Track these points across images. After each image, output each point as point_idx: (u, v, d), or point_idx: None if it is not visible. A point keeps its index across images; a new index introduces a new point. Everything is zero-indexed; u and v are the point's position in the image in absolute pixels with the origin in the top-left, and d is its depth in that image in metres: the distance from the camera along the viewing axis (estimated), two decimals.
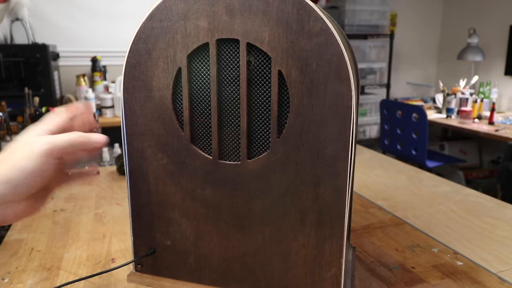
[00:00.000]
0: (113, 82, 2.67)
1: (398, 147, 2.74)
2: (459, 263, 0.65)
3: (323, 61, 0.41)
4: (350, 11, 3.10)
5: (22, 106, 1.86)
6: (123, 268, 0.56)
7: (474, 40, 3.16)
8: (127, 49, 0.48)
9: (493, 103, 2.67)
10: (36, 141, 0.40)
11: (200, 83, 0.47)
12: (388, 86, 3.41)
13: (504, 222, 0.81)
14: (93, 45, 2.69)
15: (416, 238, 0.73)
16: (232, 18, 0.43)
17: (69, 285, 0.57)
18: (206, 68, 0.46)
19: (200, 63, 0.47)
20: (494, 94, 3.03)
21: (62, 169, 0.48)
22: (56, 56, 2.40)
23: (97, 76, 2.58)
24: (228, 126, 0.47)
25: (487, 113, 2.79)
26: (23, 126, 1.67)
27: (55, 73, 2.35)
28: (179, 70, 0.47)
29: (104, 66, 2.67)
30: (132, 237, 0.54)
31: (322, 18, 0.40)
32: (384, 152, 2.84)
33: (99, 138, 0.43)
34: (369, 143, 3.30)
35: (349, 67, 0.40)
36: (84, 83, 2.45)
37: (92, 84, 2.58)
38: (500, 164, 2.30)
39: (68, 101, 2.39)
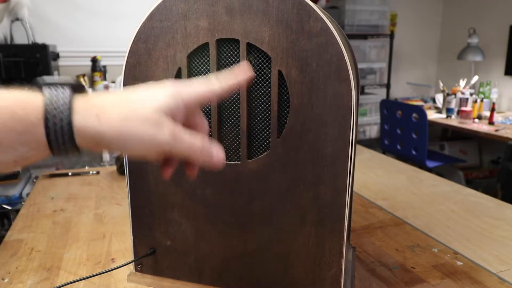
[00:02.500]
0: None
1: (398, 147, 2.74)
2: (459, 263, 0.65)
3: (323, 61, 0.41)
4: (350, 11, 3.10)
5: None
6: (123, 268, 0.56)
7: (474, 40, 3.15)
8: (127, 49, 0.48)
9: (493, 103, 2.67)
10: (158, 130, 0.33)
11: None
12: (388, 86, 3.41)
13: (504, 222, 0.81)
14: (93, 45, 2.69)
15: (416, 238, 0.73)
16: (232, 18, 0.43)
17: (69, 285, 0.57)
18: (206, 68, 0.46)
19: (200, 63, 0.47)
20: (494, 94, 3.03)
21: None
22: (56, 56, 2.40)
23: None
24: (228, 126, 0.47)
25: (487, 113, 2.79)
26: None
27: (55, 73, 2.35)
28: (179, 70, 0.47)
29: (104, 66, 2.67)
30: (132, 237, 0.54)
31: (322, 18, 0.40)
32: (384, 152, 2.84)
33: (217, 159, 0.36)
34: (369, 143, 3.30)
35: (349, 67, 0.40)
36: (84, 83, 2.45)
37: (92, 84, 2.58)
38: (500, 164, 2.30)
39: None
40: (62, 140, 0.31)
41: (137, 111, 0.33)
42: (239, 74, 0.38)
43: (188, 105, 0.35)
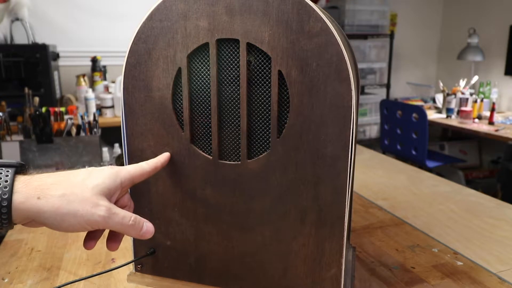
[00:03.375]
0: (113, 82, 2.67)
1: (398, 147, 2.74)
2: (459, 263, 0.65)
3: (323, 61, 0.41)
4: (350, 11, 3.10)
5: (22, 106, 1.86)
6: (123, 268, 0.56)
7: (474, 40, 3.15)
8: (127, 49, 0.48)
9: (493, 103, 2.67)
10: (95, 208, 0.38)
11: (200, 83, 0.47)
12: (388, 86, 3.41)
13: (504, 222, 0.81)
14: (93, 45, 2.69)
15: (416, 238, 0.73)
16: (232, 18, 0.43)
17: (69, 285, 0.57)
18: (206, 68, 0.46)
19: (200, 63, 0.47)
20: (494, 94, 3.03)
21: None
22: (56, 56, 2.40)
23: (97, 76, 2.58)
24: (228, 126, 0.47)
25: (487, 113, 2.79)
26: (23, 126, 1.67)
27: (55, 73, 2.35)
28: (179, 70, 0.47)
29: (104, 66, 2.67)
30: (132, 237, 0.54)
31: (322, 18, 0.40)
32: (384, 152, 2.84)
33: (148, 233, 0.42)
34: (369, 143, 3.30)
35: (349, 67, 0.40)
36: (84, 83, 2.45)
37: (92, 84, 2.58)
38: (500, 164, 2.30)
39: (68, 101, 2.39)
40: None
41: (75, 191, 0.38)
42: (160, 158, 0.48)
43: (124, 184, 0.42)
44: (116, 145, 1.87)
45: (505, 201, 0.92)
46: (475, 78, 3.03)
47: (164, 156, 0.48)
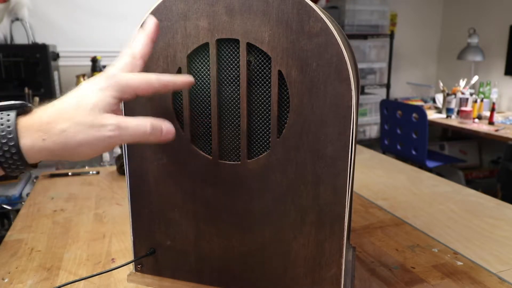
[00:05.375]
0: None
1: (398, 147, 2.74)
2: (459, 263, 0.65)
3: (323, 61, 0.41)
4: (350, 11, 3.10)
5: (37, 102, 1.86)
6: (123, 268, 0.56)
7: (474, 40, 3.15)
8: None
9: (493, 103, 2.67)
10: (102, 128, 0.35)
11: (200, 83, 0.47)
12: (388, 86, 3.41)
13: (504, 222, 0.81)
14: (93, 45, 2.69)
15: (416, 238, 0.73)
16: (232, 18, 0.43)
17: (69, 285, 0.57)
18: (206, 68, 0.46)
19: (200, 63, 0.47)
20: (494, 94, 3.03)
21: None
22: (56, 56, 2.40)
23: None
24: (228, 126, 0.47)
25: (487, 113, 2.79)
26: None
27: (55, 73, 2.35)
28: (179, 70, 0.47)
29: (104, 66, 2.66)
30: (132, 237, 0.54)
31: (322, 18, 0.40)
32: (384, 152, 2.84)
33: (169, 134, 0.39)
34: (369, 143, 3.30)
35: (349, 67, 0.40)
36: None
37: None
38: (500, 164, 2.30)
39: None
40: (13, 162, 0.35)
41: (74, 120, 0.35)
42: (179, 76, 0.41)
43: (123, 97, 0.37)
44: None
45: (505, 201, 0.92)
46: (475, 78, 3.03)
47: (182, 77, 0.41)
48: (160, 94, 0.48)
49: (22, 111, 0.36)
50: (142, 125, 0.37)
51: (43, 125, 0.35)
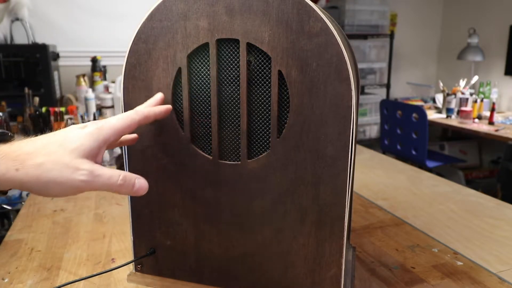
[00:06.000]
0: (113, 82, 2.66)
1: (398, 147, 2.74)
2: (459, 263, 0.65)
3: (323, 61, 0.41)
4: (350, 11, 3.10)
5: (22, 106, 1.86)
6: (123, 268, 0.56)
7: (474, 40, 3.15)
8: (127, 49, 0.48)
9: (493, 103, 2.67)
10: (76, 172, 0.36)
11: (200, 83, 0.47)
12: (388, 86, 3.41)
13: (504, 222, 0.81)
14: (93, 45, 2.69)
15: (416, 238, 0.73)
16: (232, 18, 0.43)
17: (69, 285, 0.57)
18: (206, 68, 0.46)
19: (200, 63, 0.47)
20: (494, 94, 3.03)
21: None
22: (56, 56, 2.40)
23: (97, 76, 2.58)
24: (228, 126, 0.47)
25: (487, 113, 2.79)
26: (23, 126, 1.67)
27: (55, 73, 2.35)
28: (179, 70, 0.47)
29: (104, 66, 2.67)
30: (132, 237, 0.54)
31: (322, 18, 0.40)
32: (384, 152, 2.84)
33: (140, 189, 0.40)
34: (369, 143, 3.30)
35: (349, 67, 0.40)
36: (84, 83, 2.45)
37: (92, 84, 2.58)
38: (500, 164, 2.30)
39: (68, 101, 2.39)
40: None
41: (51, 157, 0.36)
42: (158, 107, 0.44)
43: (108, 140, 0.40)
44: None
45: (505, 201, 0.92)
46: (475, 78, 3.03)
47: (156, 99, 0.45)
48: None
49: (3, 139, 0.37)
50: (115, 176, 0.38)
51: (20, 156, 0.36)
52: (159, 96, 0.47)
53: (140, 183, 0.40)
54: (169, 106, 0.46)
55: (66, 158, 0.36)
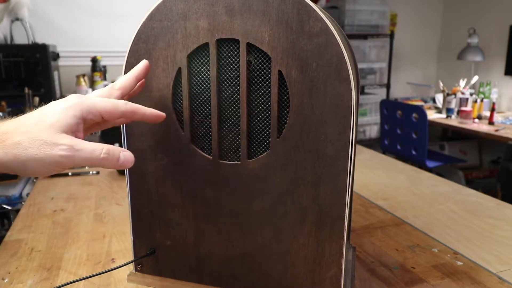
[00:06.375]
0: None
1: (398, 147, 2.74)
2: (459, 263, 0.65)
3: (323, 61, 0.41)
4: (350, 11, 3.10)
5: (22, 106, 1.86)
6: (123, 268, 0.56)
7: (474, 40, 3.15)
8: (127, 49, 0.48)
9: (493, 103, 2.67)
10: (54, 147, 0.35)
11: (200, 83, 0.47)
12: (388, 86, 3.41)
13: (504, 222, 0.81)
14: (93, 45, 2.69)
15: (416, 238, 0.73)
16: (232, 18, 0.43)
17: (69, 285, 0.57)
18: (206, 68, 0.46)
19: (200, 63, 0.47)
20: (494, 94, 3.03)
21: None
22: (56, 56, 2.40)
23: (97, 76, 2.58)
24: (228, 126, 0.47)
25: (487, 113, 2.79)
26: None
27: (55, 73, 2.35)
28: (179, 70, 0.47)
29: (104, 66, 2.67)
30: (132, 237, 0.54)
31: (322, 18, 0.40)
32: (384, 152, 2.84)
33: (126, 161, 0.39)
34: (369, 143, 3.30)
35: (349, 67, 0.40)
36: (84, 83, 2.45)
37: (92, 84, 2.58)
38: (500, 164, 2.30)
39: None
40: None
41: (29, 135, 0.35)
42: (152, 110, 0.42)
43: (87, 117, 0.38)
44: (116, 145, 1.87)
45: (505, 201, 0.92)
46: (475, 78, 3.03)
47: (139, 67, 0.44)
48: (160, 95, 0.47)
49: None
50: (98, 149, 0.37)
51: (1, 136, 0.35)
52: (143, 63, 0.45)
53: (125, 155, 0.38)
54: (162, 114, 0.44)
55: (43, 135, 0.35)
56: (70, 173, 1.11)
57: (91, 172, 1.13)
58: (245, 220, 0.48)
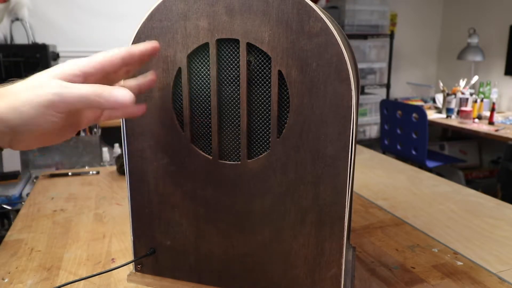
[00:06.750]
0: None
1: (398, 147, 2.74)
2: (459, 263, 0.65)
3: (323, 61, 0.41)
4: (350, 11, 3.10)
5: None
6: (123, 268, 0.56)
7: (474, 40, 3.16)
8: None
9: (493, 103, 2.67)
10: (45, 86, 0.35)
11: (200, 83, 0.47)
12: (388, 86, 3.41)
13: (504, 222, 0.81)
14: (93, 45, 2.69)
15: (416, 238, 0.73)
16: (232, 18, 0.43)
17: (69, 285, 0.57)
18: (206, 68, 0.46)
19: (200, 63, 0.47)
20: (494, 94, 3.03)
21: (76, 122, 0.42)
22: (56, 56, 2.40)
23: None
24: (228, 126, 0.47)
25: (487, 113, 2.79)
26: None
27: None
28: (179, 70, 0.47)
29: None
30: (132, 237, 0.54)
31: (322, 18, 0.40)
32: (384, 152, 2.84)
33: (122, 97, 0.36)
34: (369, 143, 3.30)
35: (349, 67, 0.40)
36: None
37: None
38: (500, 164, 2.30)
39: None
40: None
41: (25, 84, 0.36)
42: (142, 45, 0.40)
43: (86, 70, 0.37)
44: (116, 145, 1.87)
45: (505, 201, 0.92)
46: (475, 78, 3.03)
47: (145, 43, 0.40)
48: (160, 95, 0.47)
49: None
50: (90, 85, 0.36)
51: (1, 91, 0.35)
52: (145, 44, 0.41)
53: (121, 89, 0.36)
54: (155, 42, 0.41)
55: (38, 80, 0.36)
56: (70, 173, 1.11)
57: (91, 172, 1.13)
58: (245, 220, 0.48)
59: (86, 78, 0.37)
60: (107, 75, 0.39)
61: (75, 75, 0.37)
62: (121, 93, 0.36)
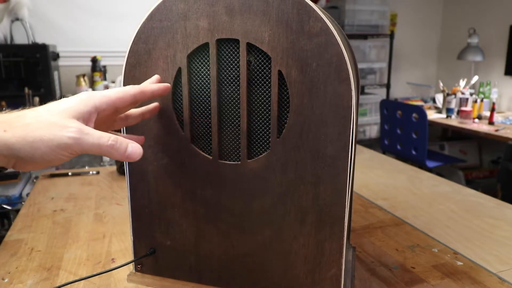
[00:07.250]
0: (113, 82, 2.67)
1: (398, 147, 2.74)
2: (459, 263, 0.65)
3: (323, 61, 0.41)
4: (350, 11, 3.10)
5: (22, 106, 1.86)
6: (123, 268, 0.56)
7: (474, 40, 3.15)
8: (127, 49, 0.48)
9: (493, 103, 2.67)
10: (63, 128, 0.35)
11: (200, 83, 0.47)
12: (388, 86, 3.41)
13: (504, 222, 0.81)
14: (93, 45, 2.69)
15: (416, 238, 0.73)
16: (232, 18, 0.43)
17: (69, 285, 0.57)
18: (206, 68, 0.46)
19: (200, 63, 0.47)
20: (494, 94, 3.03)
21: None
22: (56, 56, 2.40)
23: (97, 76, 2.58)
24: (228, 126, 0.47)
25: (487, 113, 2.79)
26: None
27: (55, 73, 2.35)
28: (179, 70, 0.47)
29: (104, 66, 2.67)
30: (132, 237, 0.54)
31: (322, 18, 0.40)
32: (384, 152, 2.84)
33: (133, 154, 0.38)
34: (369, 143, 3.30)
35: (349, 67, 0.40)
36: (84, 83, 2.45)
37: (92, 84, 2.58)
38: (500, 164, 2.30)
39: None
40: None
41: (41, 118, 0.36)
42: (157, 84, 0.44)
43: (99, 106, 0.39)
44: None
45: (505, 201, 0.92)
46: (475, 78, 3.03)
47: (153, 79, 0.45)
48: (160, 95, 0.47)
49: None
50: (106, 136, 0.37)
51: (10, 119, 0.35)
52: (155, 77, 0.46)
53: (133, 147, 0.38)
54: (167, 85, 0.45)
55: (54, 118, 0.36)
56: (70, 173, 1.11)
57: (91, 172, 1.13)
58: (245, 220, 0.48)
59: (99, 113, 0.39)
60: (117, 109, 0.41)
61: (91, 113, 0.38)
62: (134, 150, 0.38)
